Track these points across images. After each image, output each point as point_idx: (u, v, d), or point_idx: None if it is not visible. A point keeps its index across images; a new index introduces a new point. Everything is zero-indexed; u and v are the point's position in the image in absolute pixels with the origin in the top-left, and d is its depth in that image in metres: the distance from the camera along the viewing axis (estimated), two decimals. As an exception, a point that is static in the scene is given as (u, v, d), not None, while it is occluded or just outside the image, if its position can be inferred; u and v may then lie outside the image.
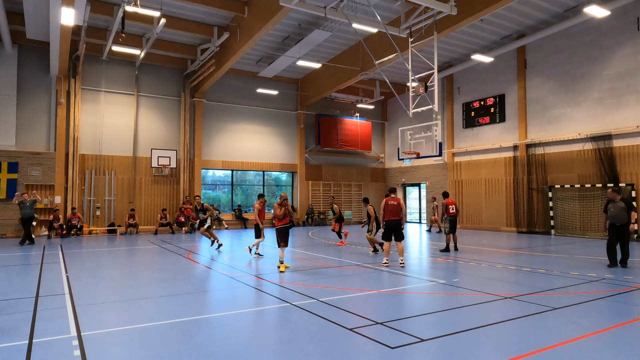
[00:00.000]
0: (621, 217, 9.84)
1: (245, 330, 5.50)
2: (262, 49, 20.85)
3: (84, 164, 19.91)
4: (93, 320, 5.73)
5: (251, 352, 4.63)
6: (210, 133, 23.18)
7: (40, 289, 7.68)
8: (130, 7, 13.48)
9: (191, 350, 4.66)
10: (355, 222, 27.08)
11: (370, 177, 28.65)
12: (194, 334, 5.25)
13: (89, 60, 20.01)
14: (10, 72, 18.39)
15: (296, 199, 26.01)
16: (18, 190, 17.48)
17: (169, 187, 21.87)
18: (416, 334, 5.13)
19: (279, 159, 25.27)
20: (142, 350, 4.69)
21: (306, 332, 5.29)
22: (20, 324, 5.53)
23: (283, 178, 26.97)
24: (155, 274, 9.72)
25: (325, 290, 7.62)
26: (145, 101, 21.57)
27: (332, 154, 27.19)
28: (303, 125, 25.83)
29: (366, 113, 28.30)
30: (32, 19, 16.14)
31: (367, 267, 10.20)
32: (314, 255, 12.48)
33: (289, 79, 25.40)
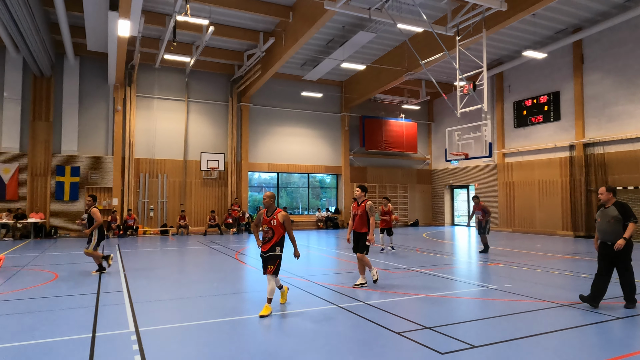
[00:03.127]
0: (609, 231, 6.43)
1: (292, 331, 5.56)
2: (307, 52, 21.05)
3: (139, 168, 20.91)
4: (149, 317, 6.00)
5: (299, 353, 4.67)
6: (256, 136, 23.67)
7: (101, 286, 8.13)
8: (181, 16, 14.03)
9: (240, 348, 4.77)
10: (402, 225, 26.69)
11: (417, 179, 28.16)
12: (243, 333, 5.36)
13: (143, 68, 21.02)
14: (73, 82, 19.66)
15: (341, 200, 26.02)
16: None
17: (218, 189, 22.52)
18: (467, 340, 4.98)
19: (323, 161, 25.39)
20: (195, 347, 4.85)
21: (353, 335, 5.27)
22: (84, 319, 5.88)
23: (327, 180, 27.06)
24: (205, 273, 10.03)
25: (371, 293, 7.56)
26: (195, 107, 22.37)
27: (377, 155, 26.97)
28: (347, 127, 25.81)
29: (412, 114, 27.87)
30: (92, 32, 17.18)
31: (414, 271, 10.02)
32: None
33: (333, 82, 25.49)
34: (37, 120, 19.01)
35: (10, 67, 18.59)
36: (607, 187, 6.64)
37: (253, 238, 19.05)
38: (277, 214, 6.37)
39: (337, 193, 26.50)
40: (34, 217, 18.27)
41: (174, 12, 14.02)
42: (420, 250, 14.00)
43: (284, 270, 10.06)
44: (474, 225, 25.85)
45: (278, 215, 6.36)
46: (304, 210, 26.16)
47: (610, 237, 6.44)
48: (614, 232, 6.41)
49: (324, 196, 26.74)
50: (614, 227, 6.42)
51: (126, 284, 8.29)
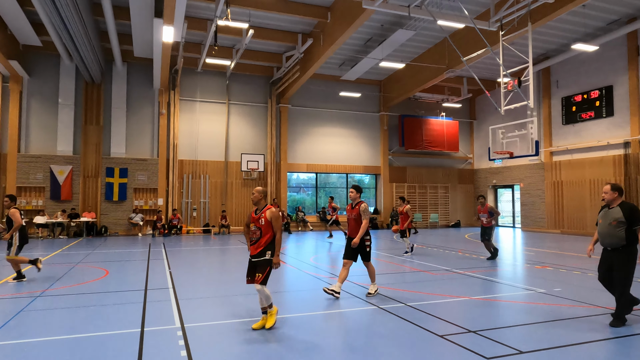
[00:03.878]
0: (610, 234, 5.60)
1: (331, 331, 5.55)
2: (345, 52, 21.01)
3: (182, 169, 21.59)
4: (194, 314, 6.16)
5: (338, 354, 4.65)
6: (295, 137, 23.87)
7: (149, 283, 8.45)
8: (222, 21, 14.37)
9: (279, 347, 4.81)
10: (443, 225, 26.13)
11: (458, 178, 27.47)
12: (282, 332, 5.41)
13: (186, 73, 21.68)
14: (121, 87, 20.57)
15: (380, 201, 25.79)
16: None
17: (258, 189, 22.83)
18: (514, 345, 4.79)
19: (362, 161, 25.26)
20: (239, 344, 4.94)
21: (394, 337, 5.20)
22: (133, 314, 6.13)
23: (366, 180, 26.89)
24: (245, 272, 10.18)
25: (413, 295, 7.44)
26: (235, 109, 22.84)
27: (417, 155, 26.54)
28: (386, 126, 25.55)
29: (453, 112, 27.23)
30: (138, 39, 17.93)
31: (456, 273, 9.77)
32: (400, 258, 12.25)
33: (371, 81, 25.31)
34: (89, 125, 20.03)
35: (64, 75, 19.68)
36: (612, 185, 5.76)
37: (292, 238, 19.22)
38: (265, 211, 5.51)
39: (376, 193, 26.29)
40: (86, 217, 19.26)
41: (215, 17, 14.38)
42: (462, 252, 13.65)
43: (318, 268, 10.10)
44: (519, 226, 24.93)
45: (266, 213, 5.48)
46: (343, 210, 26.09)
47: (610, 242, 5.62)
48: (615, 236, 5.55)
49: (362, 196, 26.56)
50: (615, 230, 5.54)
51: (172, 282, 8.57)
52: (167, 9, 13.02)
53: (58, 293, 7.50)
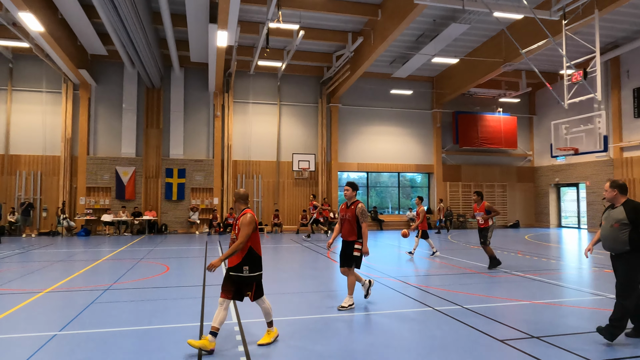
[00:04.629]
0: (613, 238, 4.91)
1: (386, 332, 5.47)
2: (396, 49, 20.70)
3: (236, 169, 22.22)
4: (249, 310, 6.30)
5: (392, 355, 4.57)
6: (345, 136, 23.85)
7: (206, 279, 8.76)
8: (274, 23, 14.64)
9: (335, 346, 4.80)
10: (500, 226, 25.09)
11: (517, 177, 26.24)
12: (337, 331, 5.40)
13: (239, 75, 22.28)
14: (179, 91, 21.51)
15: (433, 200, 25.18)
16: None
17: (309, 189, 23.09)
18: (582, 354, 4.49)
19: (414, 160, 24.78)
20: (294, 341, 4.99)
21: (451, 340, 5.04)
22: (193, 308, 6.37)
23: (418, 179, 26.37)
24: (299, 270, 10.31)
25: (470, 297, 7.18)
26: (287, 109, 23.18)
27: (472, 153, 25.65)
28: (439, 124, 24.90)
29: (510, 107, 26.05)
30: (195, 45, 18.66)
31: (517, 275, 9.33)
32: (455, 259, 11.89)
33: (423, 78, 24.76)
34: (150, 128, 21.12)
35: (128, 81, 20.88)
36: (611, 183, 5.05)
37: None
38: (240, 217, 4.80)
39: (429, 192, 25.70)
40: (148, 215, 20.32)
41: (266, 20, 14.66)
42: (522, 254, 13.02)
43: (370, 268, 9.99)
44: (584, 226, 23.43)
45: (241, 218, 4.76)
46: (394, 210, 25.77)
47: (612, 246, 4.91)
48: (617, 239, 4.83)
49: (414, 195, 26.07)
50: (618, 234, 4.82)
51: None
52: (221, 14, 13.44)
53: (124, 287, 7.95)
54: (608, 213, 5.10)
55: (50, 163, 20.14)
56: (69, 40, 17.86)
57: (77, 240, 17.52)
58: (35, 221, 19.82)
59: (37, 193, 19.94)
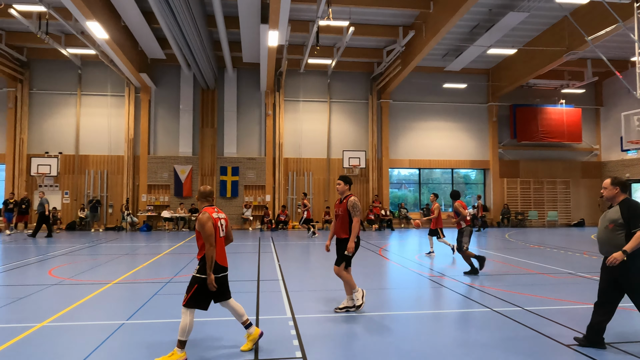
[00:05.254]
0: (607, 241, 4.58)
1: (439, 332, 5.32)
2: (449, 42, 20.09)
3: (287, 167, 22.54)
4: (303, 305, 6.38)
5: (449, 357, 4.44)
6: (396, 132, 23.49)
7: (260, 274, 8.96)
8: (324, 21, 14.66)
9: (386, 345, 4.74)
10: (563, 224, 23.73)
11: (581, 172, 24.68)
12: (388, 329, 5.33)
13: (290, 74, 22.55)
14: (232, 91, 22.13)
15: (489, 197, 24.25)
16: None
17: (359, 186, 22.98)
18: (662, 364, 4.14)
19: (468, 156, 23.97)
20: (347, 338, 4.99)
21: (511, 342, 4.81)
22: (248, 302, 6.53)
23: (473, 176, 25.48)
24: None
25: (530, 299, 6.83)
26: (337, 106, 23.18)
27: (531, 147, 24.40)
28: (495, 118, 23.91)
29: (574, 98, 24.52)
30: (247, 45, 19.11)
31: (582, 277, 8.77)
32: (513, 259, 11.38)
33: (478, 70, 23.86)
34: (205, 127, 21.90)
35: (184, 83, 21.75)
36: (612, 180, 4.64)
37: (395, 235, 18.96)
38: (199, 216, 4.48)
39: (485, 189, 24.77)
40: (204, 212, 21.05)
41: (316, 18, 14.72)
42: (588, 254, 12.23)
43: (423, 266, 9.76)
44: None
45: (199, 218, 4.45)
46: (447, 207, 25.06)
47: (607, 250, 4.53)
48: (611, 242, 4.48)
49: (469, 192, 25.24)
50: (613, 235, 4.47)
51: (281, 274, 8.97)
52: (272, 14, 13.64)
53: (184, 280, 8.30)
54: (605, 213, 4.70)
55: (115, 162, 21.43)
56: (131, 46, 18.88)
57: (139, 235, 18.53)
58: (102, 217, 21.19)
59: (104, 190, 21.30)
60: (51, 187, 20.98)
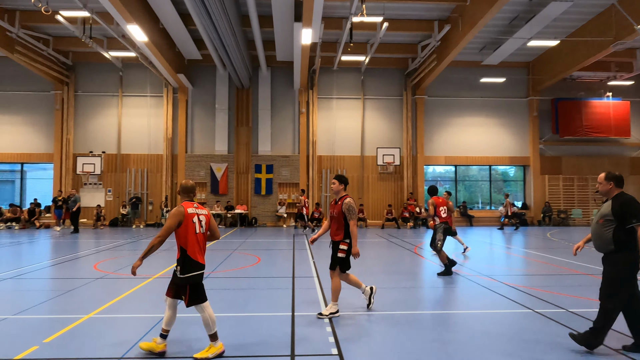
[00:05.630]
0: (597, 236, 4.46)
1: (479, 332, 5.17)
2: (486, 35, 19.53)
3: (321, 164, 22.59)
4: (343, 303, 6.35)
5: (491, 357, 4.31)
6: (431, 129, 23.08)
7: (295, 271, 9.02)
8: (357, 17, 14.55)
9: (422, 345, 4.66)
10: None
11: (630, 168, 23.42)
12: (424, 328, 5.24)
13: (323, 72, 22.56)
14: (266, 90, 22.37)
15: (529, 195, 23.45)
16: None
17: (394, 183, 22.75)
18: None
19: (506, 152, 23.24)
20: (382, 336, 4.94)
21: (556, 346, 4.62)
22: (284, 299, 6.59)
23: (511, 173, 24.71)
24: (385, 266, 10.19)
25: (576, 300, 6.55)
26: (370, 103, 23.01)
27: (575, 143, 23.39)
28: (536, 112, 23.06)
29: (622, 91, 23.31)
30: (280, 44, 19.25)
31: (631, 278, 8.32)
32: (555, 259, 10.96)
33: (517, 63, 23.07)
34: (240, 126, 22.25)
35: (219, 83, 22.17)
36: (607, 174, 4.59)
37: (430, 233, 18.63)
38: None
39: (525, 186, 23.98)
40: (239, 209, 21.45)
41: (350, 14, 14.63)
42: (638, 254, 11.59)
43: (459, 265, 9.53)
44: None
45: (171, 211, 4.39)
46: (485, 205, 24.44)
47: (597, 245, 4.47)
48: (600, 237, 4.39)
49: (507, 190, 24.49)
50: (602, 230, 4.37)
51: (315, 271, 9.00)
52: (306, 12, 13.68)
53: (220, 276, 8.47)
54: (600, 208, 4.62)
55: (154, 161, 22.13)
56: (169, 48, 19.41)
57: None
58: (143, 214, 21.93)
59: (144, 188, 22.05)
60: (95, 185, 21.92)
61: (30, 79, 21.55)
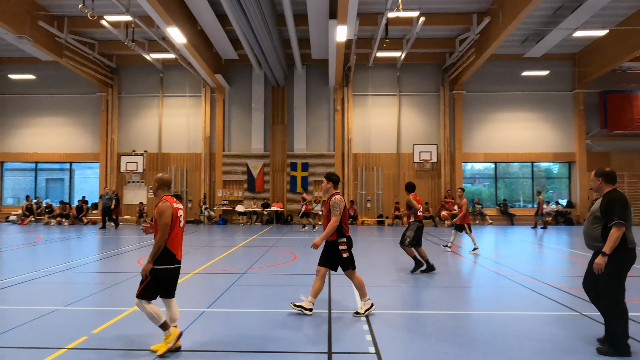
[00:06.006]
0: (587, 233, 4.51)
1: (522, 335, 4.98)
2: (528, 26, 18.81)
3: (356, 162, 22.48)
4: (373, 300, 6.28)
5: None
6: (470, 125, 22.49)
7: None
8: (393, 12, 14.34)
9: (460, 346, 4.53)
10: None
11: (686, 164, 22.00)
12: (463, 329, 5.10)
13: (358, 69, 22.41)
14: (301, 88, 22.47)
15: (575, 192, 22.45)
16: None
17: (431, 181, 22.34)
18: None
19: (550, 148, 22.33)
20: (421, 335, 4.85)
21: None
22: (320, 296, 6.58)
23: (555, 170, 23.72)
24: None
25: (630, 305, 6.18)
26: (406, 100, 22.67)
27: (625, 137, 22.16)
28: (582, 106, 22.02)
29: (676, 82, 21.89)
30: (315, 42, 19.28)
31: (690, 281, 7.80)
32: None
33: (562, 55, 22.09)
34: (275, 125, 22.48)
35: (255, 82, 22.47)
36: (596, 171, 4.53)
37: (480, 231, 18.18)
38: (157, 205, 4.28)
39: (570, 184, 22.97)
40: (275, 206, 21.69)
41: (385, 10, 14.44)
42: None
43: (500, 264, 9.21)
44: None
45: (159, 205, 4.25)
46: (527, 203, 23.58)
47: (587, 243, 4.54)
48: (589, 234, 4.46)
49: (551, 187, 23.54)
50: (591, 228, 4.42)
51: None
52: (341, 9, 13.63)
53: (257, 272, 8.59)
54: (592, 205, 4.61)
55: (193, 159, 22.72)
56: (206, 49, 19.84)
57: (216, 228, 19.49)
58: (183, 211, 22.55)
59: (184, 186, 22.68)
60: (137, 182, 22.74)
61: (77, 82, 22.61)
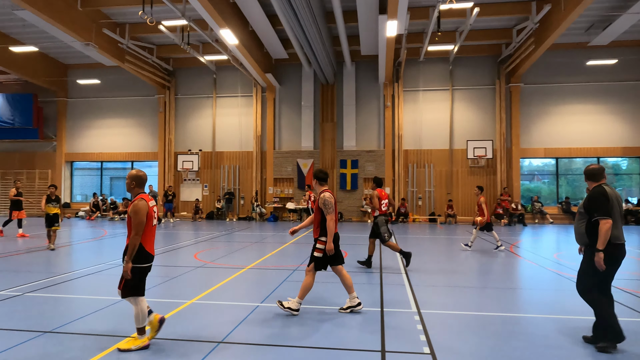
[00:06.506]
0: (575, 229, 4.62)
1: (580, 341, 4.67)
2: (594, 12, 17.61)
3: (407, 159, 22.09)
4: (427, 300, 6.17)
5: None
6: (529, 119, 21.41)
7: (382, 267, 8.92)
8: (445, 5, 13.93)
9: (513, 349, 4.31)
10: None
11: None
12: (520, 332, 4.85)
13: (408, 64, 21.99)
14: (351, 85, 22.38)
15: (646, 190, 20.79)
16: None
17: (486, 178, 21.53)
18: None
19: (618, 142, 20.81)
20: (476, 337, 4.69)
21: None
22: (372, 294, 6.54)
23: (624, 165, 22.07)
24: (477, 264, 9.66)
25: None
26: (459, 94, 21.96)
27: None
28: (655, 96, 20.34)
29: None
30: (365, 38, 19.11)
31: None
32: (682, 262, 9.57)
33: (632, 42, 20.49)
34: (325, 122, 22.54)
35: (305, 80, 22.64)
36: (588, 169, 4.64)
37: (527, 231, 17.36)
38: (130, 204, 4.32)
39: (641, 180, 21.30)
40: (325, 204, 21.75)
41: (437, 2, 14.06)
42: None
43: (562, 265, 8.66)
44: None
45: (134, 203, 4.27)
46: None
47: (576, 238, 4.63)
48: (577, 231, 4.56)
49: (619, 184, 21.95)
50: (577, 224, 4.56)
51: (404, 267, 8.81)
52: (391, 4, 13.41)
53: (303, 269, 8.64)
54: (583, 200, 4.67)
55: (245, 158, 23.30)
56: (257, 49, 20.24)
57: (267, 224, 19.88)
58: (235, 208, 23.22)
59: (237, 184, 23.32)
60: (193, 180, 23.66)
61: (137, 85, 23.87)
